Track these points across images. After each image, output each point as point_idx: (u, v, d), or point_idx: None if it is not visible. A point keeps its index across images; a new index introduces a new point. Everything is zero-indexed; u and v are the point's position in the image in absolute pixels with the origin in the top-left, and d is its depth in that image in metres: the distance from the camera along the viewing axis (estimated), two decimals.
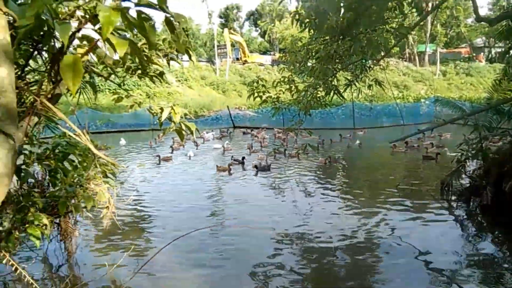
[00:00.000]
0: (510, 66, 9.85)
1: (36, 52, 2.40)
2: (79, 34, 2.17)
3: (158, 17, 45.23)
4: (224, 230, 7.07)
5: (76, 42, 2.33)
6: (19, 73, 2.92)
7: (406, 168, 13.06)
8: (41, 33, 2.03)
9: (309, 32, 7.79)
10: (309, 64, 8.28)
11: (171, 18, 1.95)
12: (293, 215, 8.00)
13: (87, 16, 2.04)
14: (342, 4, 7.13)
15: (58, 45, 2.12)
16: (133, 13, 1.78)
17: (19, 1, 2.09)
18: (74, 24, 2.10)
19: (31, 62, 2.97)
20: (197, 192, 9.94)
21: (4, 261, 3.71)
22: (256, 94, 7.98)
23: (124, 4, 1.75)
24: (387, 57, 10.77)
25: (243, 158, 13.41)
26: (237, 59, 51.64)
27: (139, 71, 3.33)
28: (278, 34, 53.02)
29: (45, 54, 2.50)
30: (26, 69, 3.02)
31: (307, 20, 7.44)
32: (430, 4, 11.18)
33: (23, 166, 3.41)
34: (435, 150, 14.59)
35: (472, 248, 6.33)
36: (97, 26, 1.98)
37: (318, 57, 7.76)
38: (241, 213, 8.09)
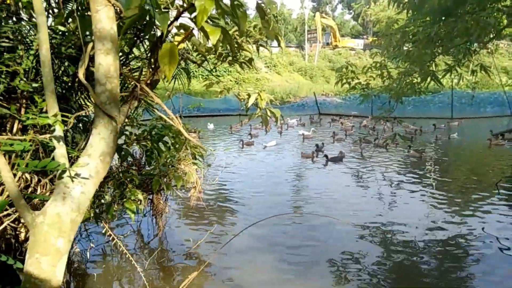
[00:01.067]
0: None
1: (138, 41, 2.59)
2: (177, 23, 2.27)
3: (250, 3, 45.75)
4: (303, 218, 7.05)
5: (174, 30, 2.45)
6: (124, 60, 3.18)
7: (508, 164, 11.66)
8: (144, 22, 2.17)
9: (408, 13, 7.25)
10: (404, 48, 7.74)
11: (262, 4, 1.95)
12: (376, 208, 7.65)
13: (185, 5, 2.13)
14: None
15: (158, 33, 2.25)
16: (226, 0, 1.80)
17: None
18: (172, 13, 2.21)
19: (134, 49, 3.22)
20: (279, 177, 10.02)
21: (103, 231, 4.14)
22: (344, 81, 7.71)
23: None
24: (497, 39, 9.61)
25: (317, 145, 13.19)
26: (328, 43, 50.48)
27: (230, 58, 3.43)
28: (372, 17, 50.47)
29: (146, 42, 2.69)
30: (130, 56, 3.28)
31: (406, 0, 6.93)
32: None
33: (124, 146, 3.74)
34: None
35: None
36: (193, 15, 2.05)
37: (416, 40, 7.21)
38: (321, 202, 7.97)
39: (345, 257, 5.49)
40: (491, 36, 7.48)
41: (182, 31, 2.42)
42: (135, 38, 2.55)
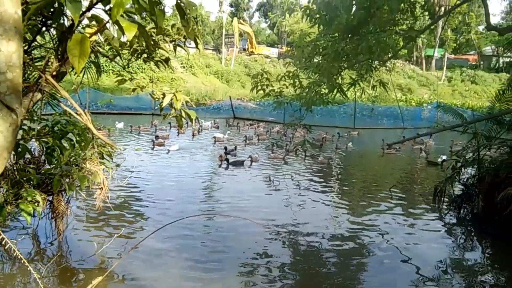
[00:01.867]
0: None
1: (44, 28, 2.39)
2: (89, 14, 2.16)
3: (168, 1, 44.59)
4: (214, 220, 7.09)
5: (85, 21, 2.31)
6: (25, 48, 2.90)
7: (397, 170, 13.10)
8: (51, 10, 2.02)
9: (319, 28, 7.75)
10: (315, 60, 8.25)
11: (182, 4, 1.94)
12: (285, 211, 8.01)
13: None
14: (354, 2, 7.09)
15: (67, 23, 2.11)
16: None
17: None
18: (85, 3, 2.09)
19: (38, 38, 2.96)
20: (190, 180, 9.93)
21: None
22: (259, 87, 7.96)
23: None
24: (394, 59, 10.73)
25: (225, 148, 13.36)
26: (244, 49, 51.39)
27: (145, 55, 3.33)
28: (287, 28, 52.73)
29: (53, 31, 2.49)
30: (33, 44, 3.01)
31: (318, 15, 7.40)
32: (442, 9, 11.12)
33: (21, 141, 3.41)
34: (424, 155, 14.81)
35: (458, 256, 6.36)
36: (107, 7, 1.97)
37: (325, 54, 7.73)
38: (232, 204, 8.08)
39: (253, 259, 5.62)
40: (390, 55, 8.35)
41: (94, 22, 2.30)
42: (41, 26, 2.35)
